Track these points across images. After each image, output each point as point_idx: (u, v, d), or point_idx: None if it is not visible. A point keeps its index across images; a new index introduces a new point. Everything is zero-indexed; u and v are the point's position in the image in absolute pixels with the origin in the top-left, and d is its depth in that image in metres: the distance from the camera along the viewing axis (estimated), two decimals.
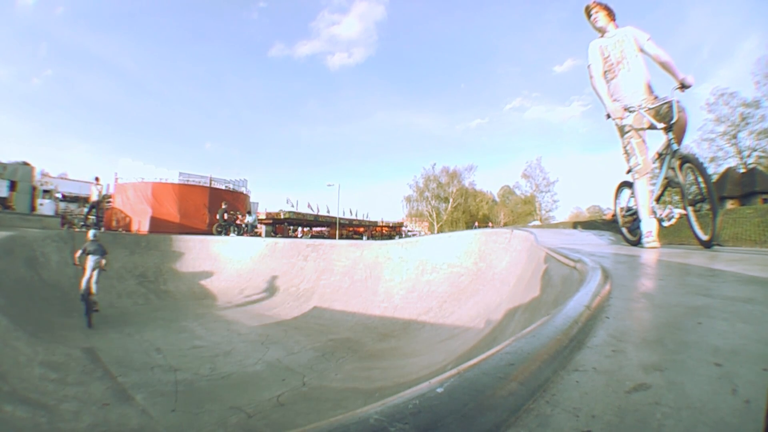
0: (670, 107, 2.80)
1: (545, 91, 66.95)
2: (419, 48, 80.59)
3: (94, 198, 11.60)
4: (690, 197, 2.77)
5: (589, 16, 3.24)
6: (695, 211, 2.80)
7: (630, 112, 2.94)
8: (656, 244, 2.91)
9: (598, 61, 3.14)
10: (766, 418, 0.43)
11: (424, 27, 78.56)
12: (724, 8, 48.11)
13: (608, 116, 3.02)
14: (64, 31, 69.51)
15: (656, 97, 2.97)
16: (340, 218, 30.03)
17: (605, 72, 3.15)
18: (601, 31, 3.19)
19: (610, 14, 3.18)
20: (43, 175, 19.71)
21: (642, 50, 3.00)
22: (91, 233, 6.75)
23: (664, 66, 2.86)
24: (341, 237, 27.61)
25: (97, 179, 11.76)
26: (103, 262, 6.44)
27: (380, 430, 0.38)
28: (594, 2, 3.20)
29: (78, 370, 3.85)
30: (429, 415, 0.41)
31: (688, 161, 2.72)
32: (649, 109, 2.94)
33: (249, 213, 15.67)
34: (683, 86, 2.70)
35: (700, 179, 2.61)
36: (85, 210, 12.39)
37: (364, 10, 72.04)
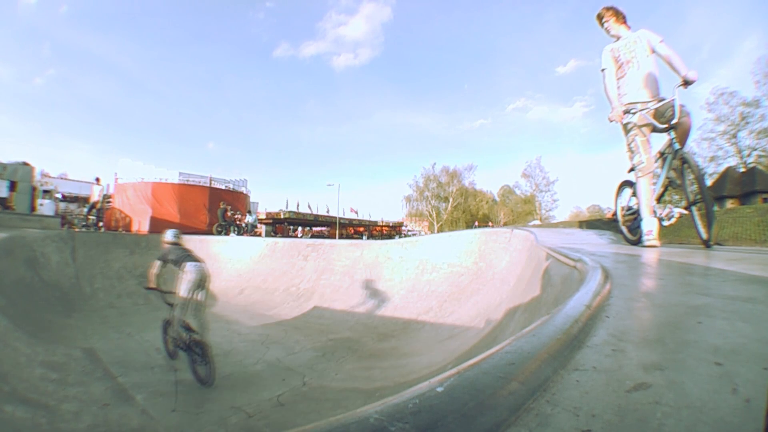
0: (673, 108, 2.80)
1: (548, 92, 67.15)
2: (422, 48, 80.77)
3: (94, 198, 11.62)
4: (691, 198, 2.77)
5: (602, 23, 3.24)
6: (698, 210, 2.81)
7: (632, 114, 2.95)
8: (656, 243, 2.91)
9: (611, 66, 3.14)
10: (767, 417, 0.43)
11: (427, 28, 78.67)
12: (724, 8, 48.17)
13: (611, 120, 3.03)
14: (67, 30, 69.67)
15: (662, 99, 2.97)
16: (340, 218, 30.04)
17: (615, 72, 3.15)
18: (616, 37, 3.20)
19: (622, 18, 3.18)
20: (43, 175, 19.67)
21: (654, 51, 3.00)
22: (170, 233, 4.60)
23: (674, 67, 2.86)
24: (341, 237, 27.61)
25: (98, 179, 11.77)
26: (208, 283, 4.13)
27: (380, 429, 0.38)
28: (604, 9, 3.20)
29: (78, 370, 3.85)
30: (429, 415, 0.41)
31: (687, 162, 2.73)
32: (652, 109, 2.95)
33: (249, 213, 15.68)
34: (686, 82, 2.70)
35: (695, 182, 2.63)
36: (85, 210, 12.39)
37: (372, 11, 72.30)
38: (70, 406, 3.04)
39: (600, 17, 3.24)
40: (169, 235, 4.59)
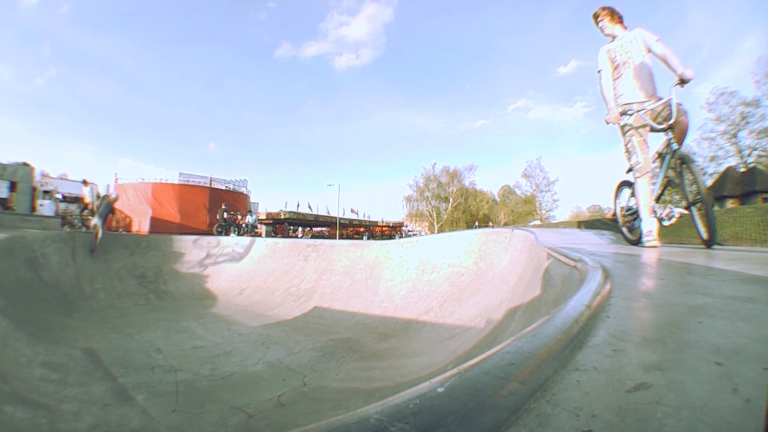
0: (670, 107, 2.80)
1: (549, 92, 67.35)
2: (423, 48, 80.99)
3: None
4: (691, 198, 2.77)
5: (597, 22, 3.24)
6: (698, 210, 2.80)
7: (629, 115, 2.94)
8: (656, 243, 2.91)
9: (608, 66, 3.14)
10: (767, 417, 0.43)
11: (429, 28, 78.86)
12: (724, 8, 48.22)
13: (607, 122, 3.02)
14: (68, 30, 69.73)
15: (659, 98, 2.96)
16: (340, 218, 30.03)
17: (611, 73, 3.15)
18: (611, 37, 3.20)
19: (618, 18, 3.18)
20: (43, 175, 19.65)
21: (650, 51, 2.99)
22: (100, 190, 9.81)
23: (670, 66, 2.85)
24: (341, 237, 27.60)
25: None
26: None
27: (381, 429, 0.38)
28: (600, 9, 3.20)
29: (78, 370, 3.85)
30: (429, 415, 0.41)
31: (685, 162, 2.73)
32: (648, 110, 2.94)
33: (249, 213, 15.67)
34: (682, 81, 2.69)
35: (694, 181, 2.63)
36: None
37: (373, 11, 72.48)
38: (70, 406, 3.04)
39: (596, 16, 3.24)
40: (101, 191, 9.69)
